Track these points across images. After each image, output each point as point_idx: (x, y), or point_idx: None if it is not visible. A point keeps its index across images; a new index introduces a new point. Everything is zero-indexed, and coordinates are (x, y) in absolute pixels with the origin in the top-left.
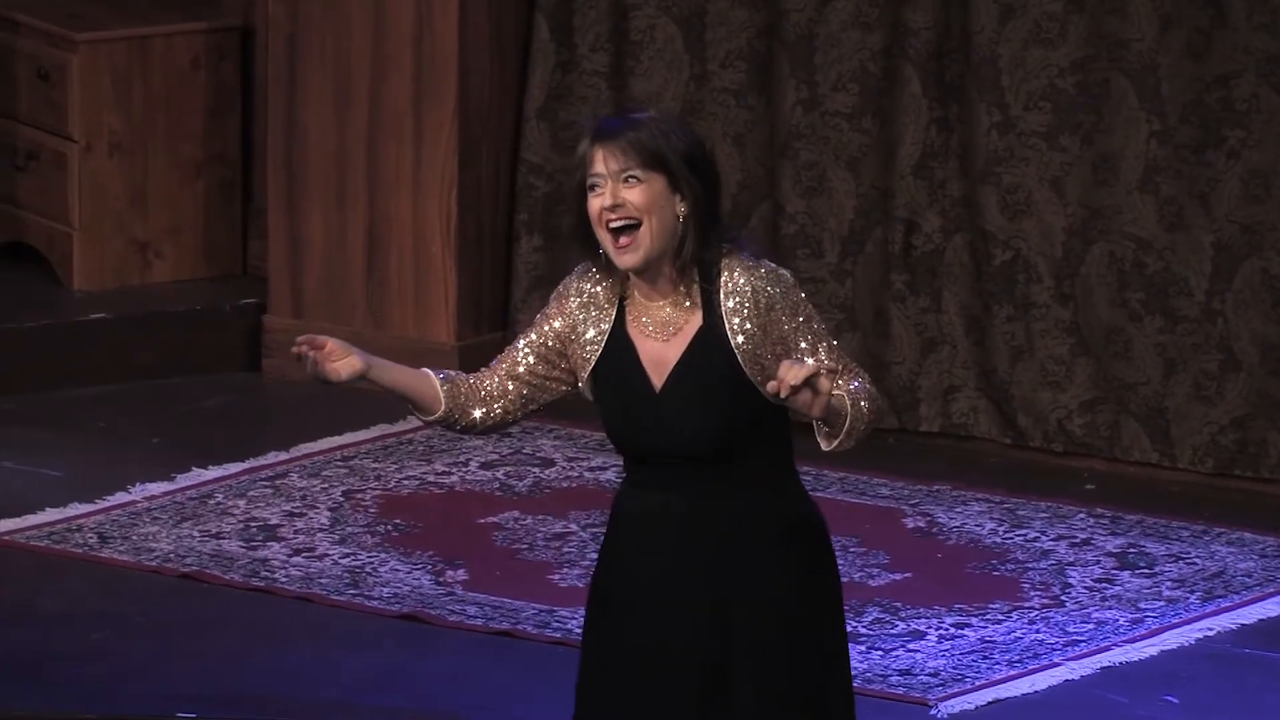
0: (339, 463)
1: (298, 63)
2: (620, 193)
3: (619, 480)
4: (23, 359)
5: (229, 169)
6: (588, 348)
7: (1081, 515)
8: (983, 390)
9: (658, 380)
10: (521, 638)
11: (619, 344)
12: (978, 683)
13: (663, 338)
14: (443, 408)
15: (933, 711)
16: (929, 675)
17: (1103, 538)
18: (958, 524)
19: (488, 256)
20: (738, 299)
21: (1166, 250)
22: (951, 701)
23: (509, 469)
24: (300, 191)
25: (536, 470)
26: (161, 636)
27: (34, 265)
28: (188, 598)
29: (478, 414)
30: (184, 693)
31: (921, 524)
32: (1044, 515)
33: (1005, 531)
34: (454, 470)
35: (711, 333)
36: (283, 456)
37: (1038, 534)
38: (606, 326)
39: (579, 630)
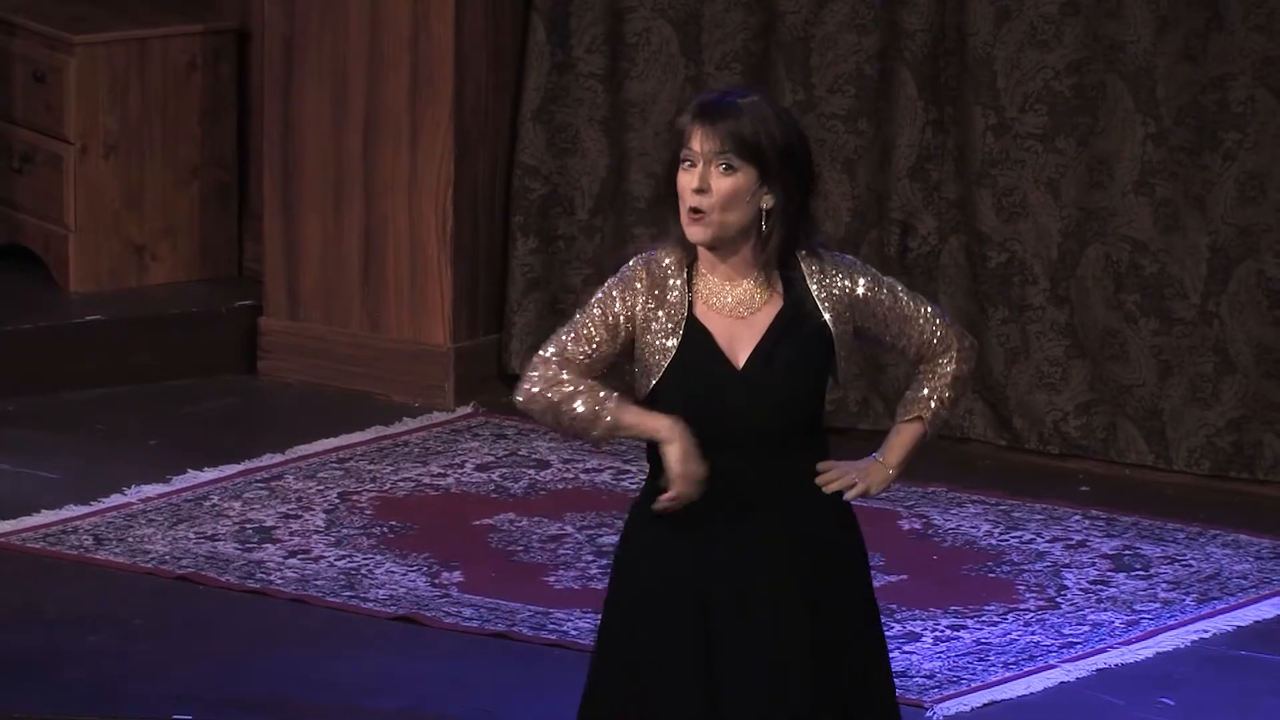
0: (334, 464)
1: (294, 65)
2: (710, 177)
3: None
4: (18, 360)
5: (225, 171)
6: (659, 333)
7: (1077, 517)
8: (978, 392)
9: (737, 359)
10: (517, 639)
11: (693, 327)
12: (973, 685)
13: (739, 316)
14: None
15: (928, 714)
16: (924, 677)
17: (1098, 540)
18: (953, 526)
19: (483, 258)
20: (828, 284)
21: (1162, 252)
22: (947, 703)
23: (504, 471)
24: (296, 193)
25: (532, 472)
26: (159, 639)
27: (30, 267)
28: (184, 600)
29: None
30: (182, 695)
31: (917, 526)
32: (1039, 517)
33: (1001, 533)
34: (449, 472)
35: (796, 315)
36: (278, 458)
37: (1033, 536)
38: (680, 314)
39: (575, 632)
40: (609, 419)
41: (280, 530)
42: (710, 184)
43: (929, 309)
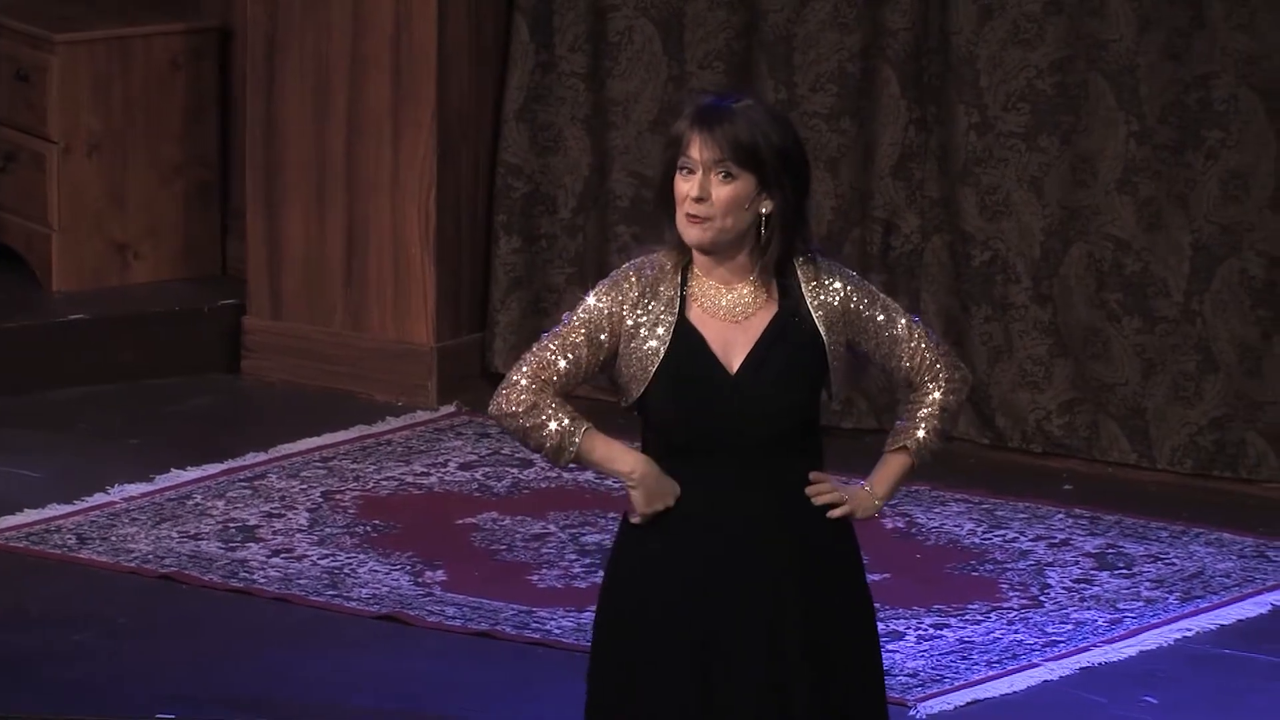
0: (318, 463)
1: (276, 64)
2: (710, 185)
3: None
4: (0, 360)
5: (208, 170)
6: (650, 336)
7: (1060, 516)
8: None
9: (731, 363)
10: (500, 638)
11: (684, 331)
12: (956, 683)
13: (733, 320)
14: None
15: (911, 712)
16: (908, 675)
17: (1081, 538)
18: (936, 524)
19: (466, 258)
20: (822, 293)
21: (1145, 251)
22: (930, 702)
23: (487, 470)
24: (279, 193)
25: (515, 471)
26: (143, 638)
27: (13, 266)
28: (168, 599)
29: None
30: (167, 693)
31: (900, 524)
32: (1023, 516)
33: (984, 532)
34: (432, 471)
35: (790, 320)
36: (261, 457)
37: (1016, 534)
38: (671, 317)
39: (558, 631)
40: (574, 453)
41: (263, 529)
42: (710, 192)
43: (922, 333)
